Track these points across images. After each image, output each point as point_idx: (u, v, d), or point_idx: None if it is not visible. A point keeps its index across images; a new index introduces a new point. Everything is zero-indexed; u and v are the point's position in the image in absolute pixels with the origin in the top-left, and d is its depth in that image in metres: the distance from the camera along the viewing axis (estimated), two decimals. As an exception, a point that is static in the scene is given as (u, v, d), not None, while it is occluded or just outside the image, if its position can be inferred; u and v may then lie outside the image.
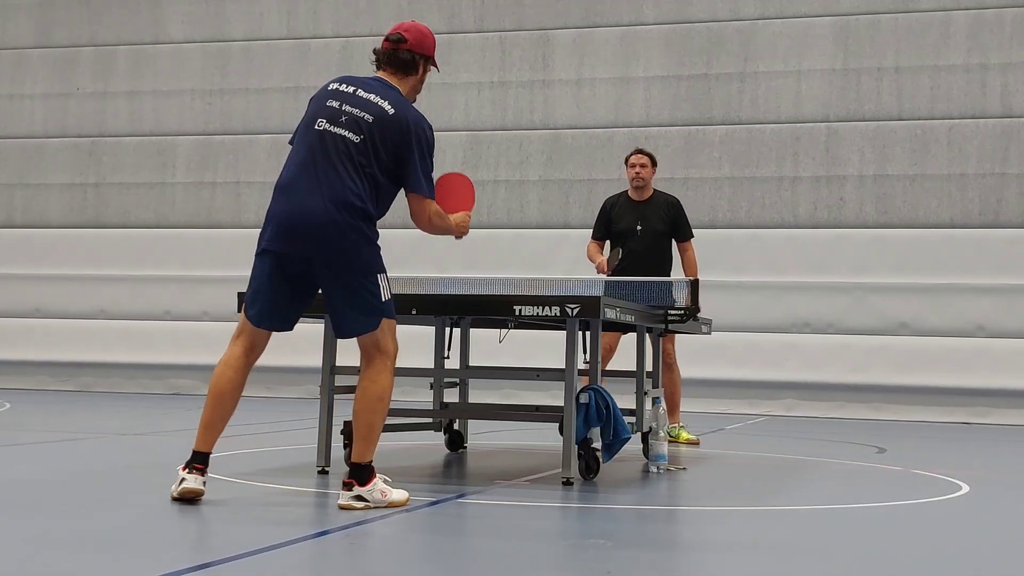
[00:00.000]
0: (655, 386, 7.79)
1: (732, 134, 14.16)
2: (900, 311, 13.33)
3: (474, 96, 14.84)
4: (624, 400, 6.96)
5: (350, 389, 6.97)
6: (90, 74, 16.26)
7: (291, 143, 5.37)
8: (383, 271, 5.21)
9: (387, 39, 5.42)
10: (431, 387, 7.80)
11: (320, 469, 6.36)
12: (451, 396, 8.05)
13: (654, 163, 9.20)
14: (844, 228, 13.71)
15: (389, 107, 5.24)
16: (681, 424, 9.19)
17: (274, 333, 5.33)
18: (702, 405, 13.23)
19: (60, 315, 15.59)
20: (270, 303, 5.22)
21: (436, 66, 5.52)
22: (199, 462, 5.12)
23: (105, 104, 16.15)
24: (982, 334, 13.12)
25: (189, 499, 5.05)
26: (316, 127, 5.21)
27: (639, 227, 8.96)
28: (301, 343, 8.07)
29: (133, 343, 15.16)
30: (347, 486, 5.11)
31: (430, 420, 7.64)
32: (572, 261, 13.44)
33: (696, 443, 9.03)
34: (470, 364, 7.97)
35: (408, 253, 13.85)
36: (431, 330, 7.80)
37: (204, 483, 5.10)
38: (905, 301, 13.32)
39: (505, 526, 4.98)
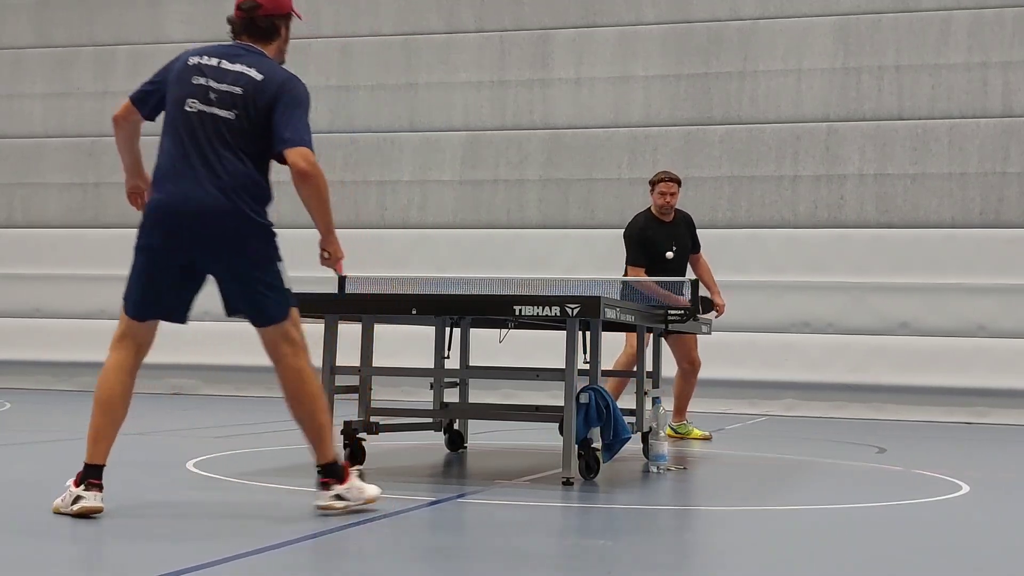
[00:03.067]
0: (655, 386, 7.79)
1: (732, 133, 14.16)
2: (900, 311, 13.33)
3: (473, 95, 14.82)
4: (624, 400, 6.96)
5: (350, 389, 6.99)
6: (89, 74, 16.25)
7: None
8: (280, 259, 4.86)
9: (239, 7, 4.95)
10: (431, 387, 7.79)
11: (320, 469, 6.34)
12: (451, 396, 8.04)
13: (679, 186, 9.49)
14: (844, 228, 13.71)
15: (257, 74, 4.85)
16: (689, 421, 9.57)
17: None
18: (702, 405, 13.19)
19: (60, 315, 15.59)
20: (154, 295, 4.81)
21: (298, 15, 5.04)
22: (95, 477, 4.69)
23: (104, 104, 16.12)
24: (982, 334, 13.11)
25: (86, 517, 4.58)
26: (187, 108, 4.79)
27: (674, 246, 9.33)
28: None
29: (133, 343, 15.13)
30: (325, 486, 4.85)
31: (430, 420, 7.63)
32: (572, 261, 13.44)
33: (708, 438, 9.43)
34: (470, 364, 7.96)
35: (408, 253, 13.81)
36: (431, 330, 7.79)
37: (102, 499, 4.66)
38: (905, 301, 13.32)
39: (505, 526, 4.97)
